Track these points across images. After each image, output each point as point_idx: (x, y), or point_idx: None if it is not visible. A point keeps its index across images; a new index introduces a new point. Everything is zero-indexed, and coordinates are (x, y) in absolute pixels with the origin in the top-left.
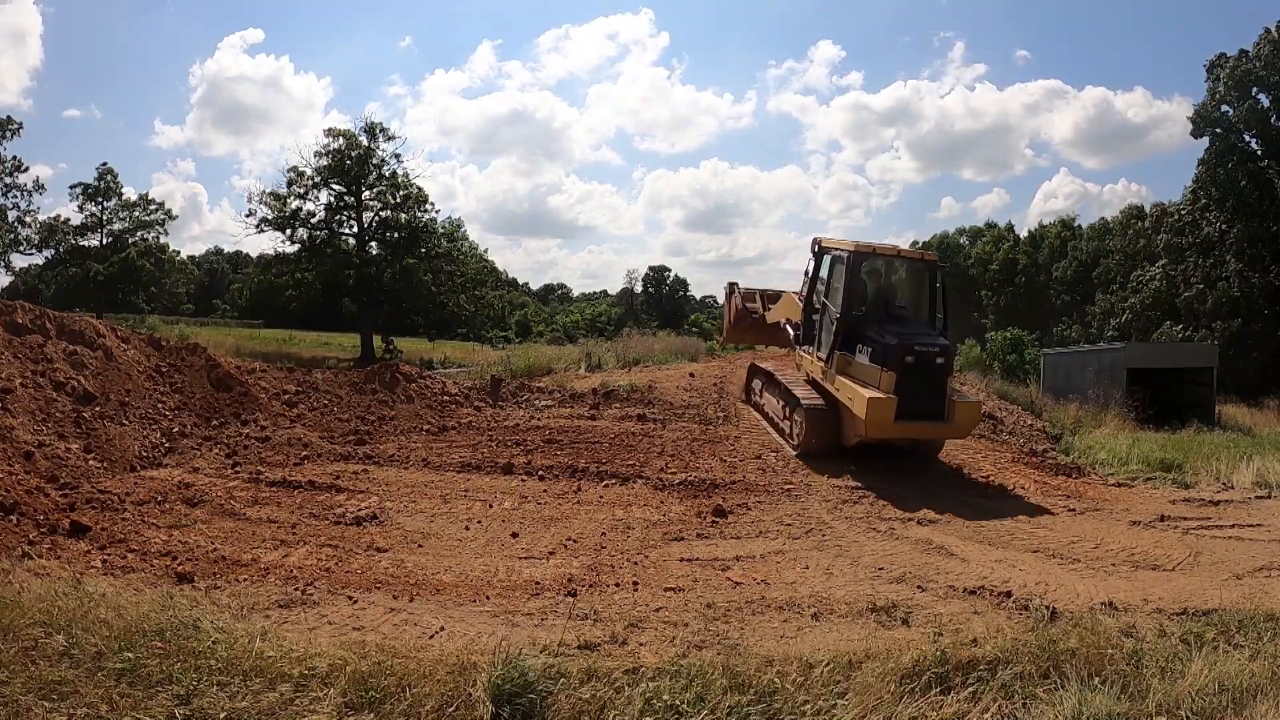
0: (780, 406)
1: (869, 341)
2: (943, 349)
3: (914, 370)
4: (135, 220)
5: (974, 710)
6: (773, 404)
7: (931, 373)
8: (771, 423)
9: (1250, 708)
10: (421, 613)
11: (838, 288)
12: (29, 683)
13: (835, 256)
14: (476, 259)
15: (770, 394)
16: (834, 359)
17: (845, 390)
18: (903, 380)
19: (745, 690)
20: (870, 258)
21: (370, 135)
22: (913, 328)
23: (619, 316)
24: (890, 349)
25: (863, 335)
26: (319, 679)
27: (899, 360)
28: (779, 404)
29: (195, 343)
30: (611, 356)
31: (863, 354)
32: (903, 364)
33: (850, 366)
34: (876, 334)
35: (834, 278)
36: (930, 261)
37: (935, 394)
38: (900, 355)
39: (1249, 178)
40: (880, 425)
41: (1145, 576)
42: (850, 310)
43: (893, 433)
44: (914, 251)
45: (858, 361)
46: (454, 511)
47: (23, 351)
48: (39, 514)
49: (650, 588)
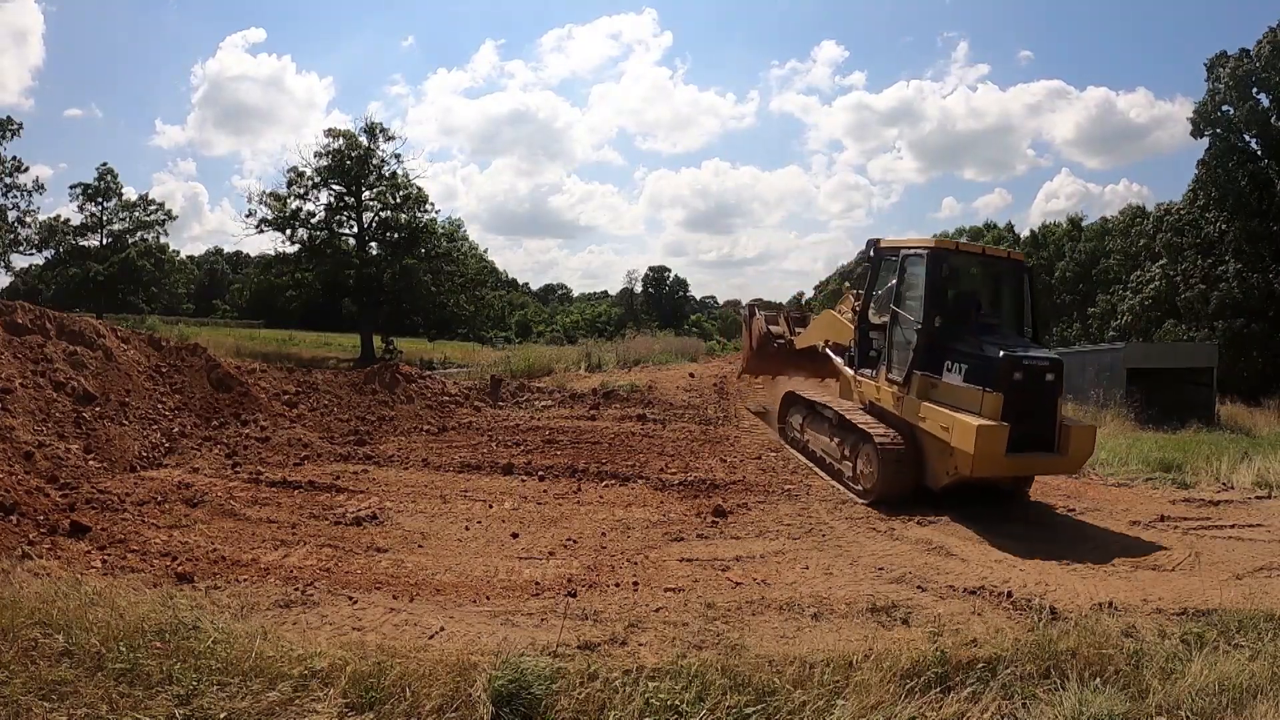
0: (835, 444)
1: (961, 357)
2: (1053, 364)
3: (1022, 390)
4: (135, 220)
5: (974, 710)
6: (823, 442)
7: (1042, 393)
8: (821, 464)
9: (1250, 708)
10: (421, 613)
11: (914, 294)
12: (29, 683)
13: (909, 257)
14: (476, 259)
15: (817, 430)
16: (913, 381)
17: (935, 418)
18: (1009, 403)
19: (745, 690)
20: (952, 256)
21: (370, 135)
22: (1011, 339)
23: (619, 317)
24: (993, 364)
25: (950, 350)
26: (319, 679)
27: (1005, 378)
28: (833, 441)
29: (195, 343)
30: (611, 357)
31: (953, 372)
32: (1010, 382)
33: (935, 390)
34: (971, 347)
35: (908, 282)
36: (1019, 262)
37: (1046, 418)
38: (1007, 372)
39: (1249, 178)
40: (990, 460)
41: (1145, 576)
42: (934, 320)
43: (1002, 469)
44: (1000, 250)
45: (946, 382)
46: (454, 512)
47: (23, 352)
48: (39, 514)
49: (650, 588)
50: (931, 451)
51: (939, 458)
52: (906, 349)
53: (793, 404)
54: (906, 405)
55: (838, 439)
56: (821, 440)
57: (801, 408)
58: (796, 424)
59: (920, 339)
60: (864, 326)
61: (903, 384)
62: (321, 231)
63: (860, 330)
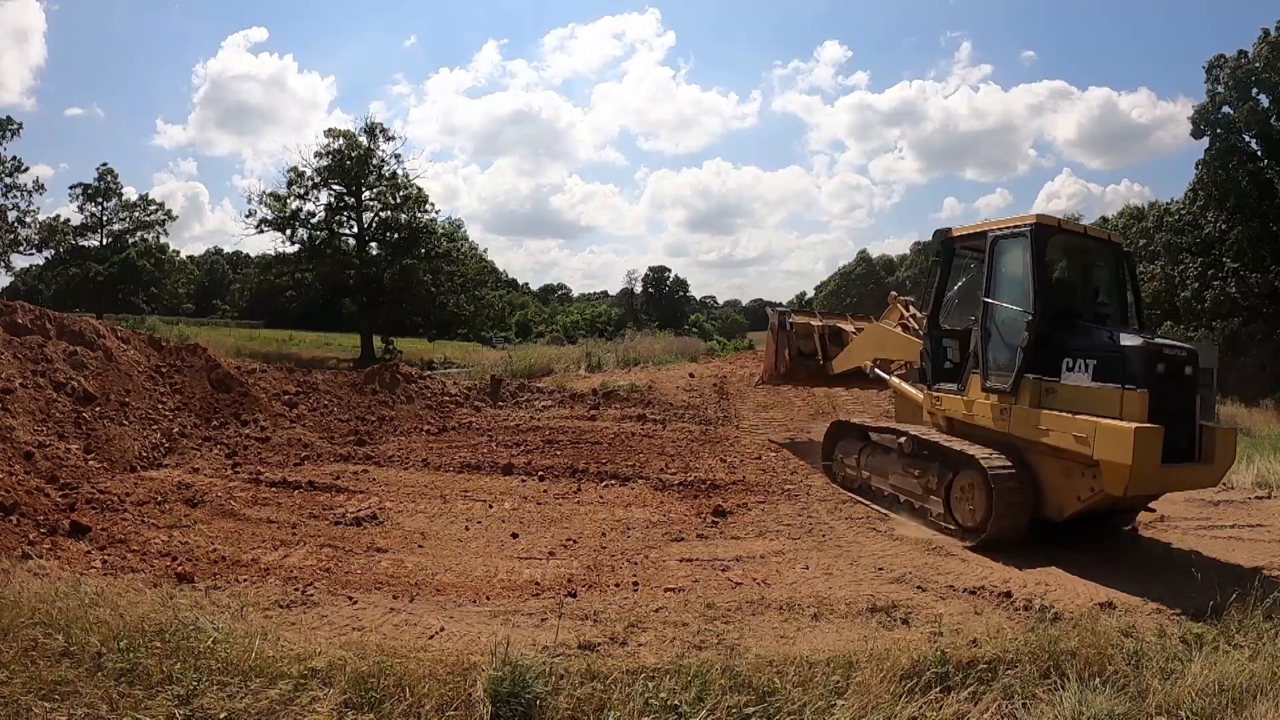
0: (914, 479)
1: (1086, 351)
2: (1190, 355)
3: (1163, 387)
4: (135, 220)
5: (974, 710)
6: (894, 477)
7: (1181, 390)
8: (893, 504)
9: (1250, 708)
10: (421, 613)
11: (1014, 282)
12: (29, 683)
13: (1001, 240)
14: (476, 259)
15: (884, 463)
16: (1022, 386)
17: (1065, 428)
18: (1154, 402)
19: (745, 690)
20: (1056, 234)
21: (370, 136)
22: (1131, 330)
23: (619, 317)
24: (1132, 357)
25: (1068, 346)
26: (319, 679)
27: (1148, 372)
28: (910, 475)
29: (195, 343)
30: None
31: (1077, 371)
32: (1154, 378)
33: (1054, 395)
34: (1099, 339)
35: (1002, 271)
36: (1118, 244)
37: (1186, 421)
38: (1150, 364)
39: (1249, 178)
40: (1148, 473)
41: (1145, 576)
42: (1048, 311)
43: (1156, 484)
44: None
45: (1069, 384)
46: (454, 512)
47: (23, 352)
48: (39, 514)
49: (650, 588)
50: (1052, 473)
51: (1065, 479)
52: (1010, 350)
53: (842, 435)
54: (1016, 418)
55: (917, 472)
56: (892, 476)
57: (855, 439)
58: (851, 459)
59: (1030, 335)
60: (935, 334)
61: (1009, 392)
62: (321, 231)
63: (931, 339)
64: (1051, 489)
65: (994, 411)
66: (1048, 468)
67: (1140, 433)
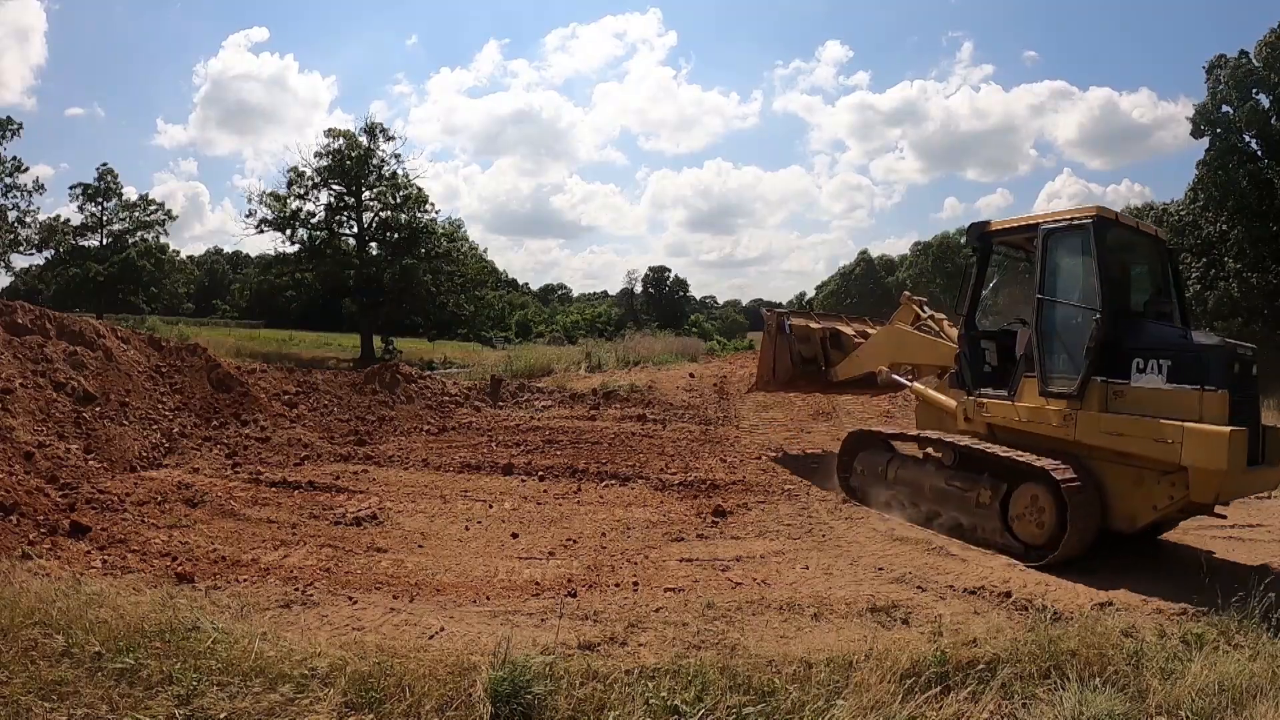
0: (962, 493)
1: (1157, 351)
2: (1254, 354)
3: (1238, 387)
4: (135, 220)
5: (974, 710)
6: (934, 492)
7: (1250, 391)
8: (930, 519)
9: (1250, 708)
10: (421, 613)
11: (1075, 278)
12: (29, 683)
13: (1056, 232)
14: (476, 259)
15: (919, 477)
16: (1089, 390)
17: (1144, 432)
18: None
19: (744, 690)
20: (1114, 227)
21: (370, 136)
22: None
23: (619, 317)
24: (1210, 356)
25: (1135, 345)
26: (319, 679)
27: (1226, 371)
28: (957, 489)
29: (195, 343)
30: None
31: (1150, 372)
32: (1231, 377)
33: (1122, 398)
34: (1172, 336)
35: (1058, 266)
36: (1163, 240)
37: (1255, 423)
38: (1228, 364)
39: (1249, 178)
40: (1236, 478)
41: (1145, 576)
42: (1117, 308)
43: (1240, 488)
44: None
45: (1141, 386)
46: (454, 512)
47: (23, 352)
48: (39, 514)
49: (650, 588)
50: (1120, 481)
51: (1136, 487)
52: (1073, 351)
53: (863, 446)
54: (1083, 423)
55: (964, 485)
56: (931, 491)
57: (878, 450)
58: (876, 473)
59: (1099, 335)
60: (972, 337)
61: (1075, 396)
62: (321, 232)
63: (968, 342)
64: (1120, 498)
65: (1056, 417)
66: (1115, 476)
67: (1235, 435)
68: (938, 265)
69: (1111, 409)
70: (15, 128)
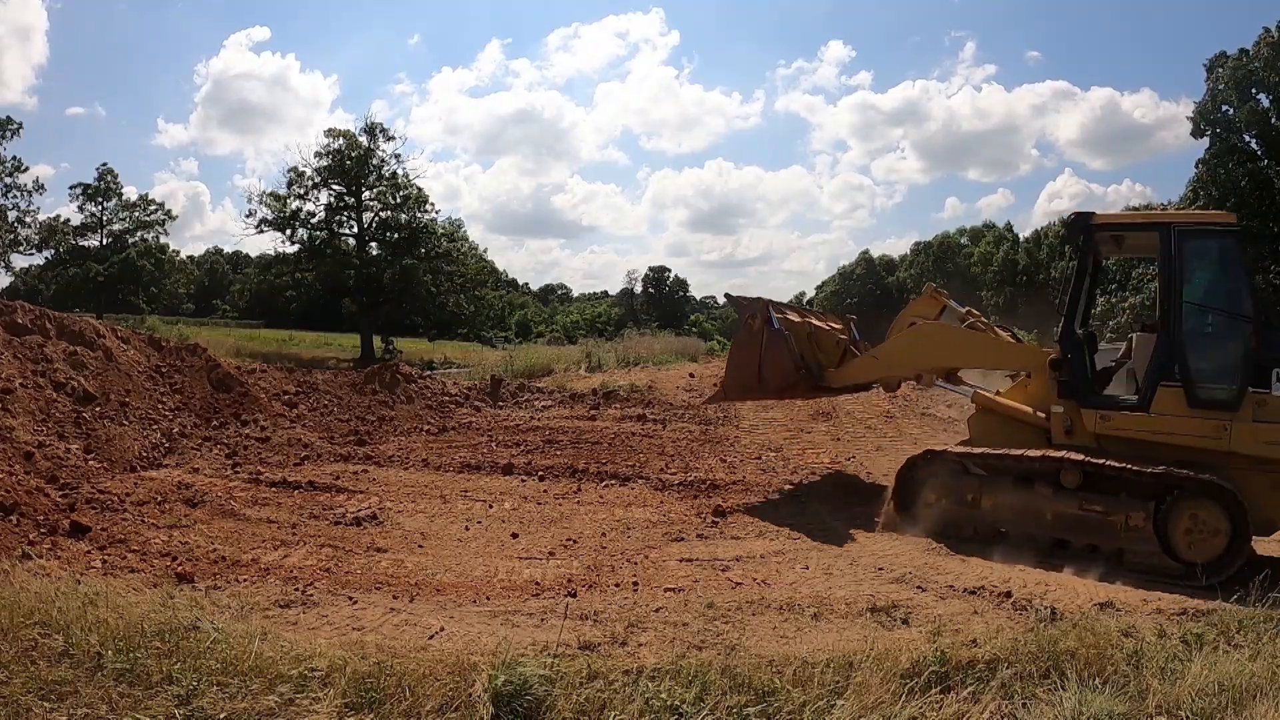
0: (1115, 517)
1: None
2: None
3: None
4: (135, 220)
5: (974, 710)
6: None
7: None
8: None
9: (1250, 708)
10: (421, 613)
11: (1217, 282)
12: (29, 683)
13: (1192, 233)
14: (476, 259)
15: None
16: (1245, 399)
17: None
18: None
19: (745, 690)
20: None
21: (370, 135)
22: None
23: (619, 317)
24: None
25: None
26: (319, 679)
27: None
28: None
29: (195, 343)
30: (611, 357)
31: None
32: None
33: (1264, 407)
34: None
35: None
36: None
37: None
38: None
39: (1249, 178)
40: None
41: (1145, 576)
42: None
43: None
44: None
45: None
46: (454, 512)
47: (23, 352)
48: (39, 514)
49: (650, 588)
50: (1261, 489)
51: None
52: (1223, 358)
53: (934, 472)
54: (1238, 434)
55: (1106, 509)
56: (1057, 519)
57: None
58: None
59: (1252, 342)
60: (1075, 342)
61: (1230, 405)
62: (321, 232)
63: (1070, 346)
64: (1259, 507)
65: (1210, 428)
66: (1256, 484)
67: None
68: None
69: (1256, 418)
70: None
